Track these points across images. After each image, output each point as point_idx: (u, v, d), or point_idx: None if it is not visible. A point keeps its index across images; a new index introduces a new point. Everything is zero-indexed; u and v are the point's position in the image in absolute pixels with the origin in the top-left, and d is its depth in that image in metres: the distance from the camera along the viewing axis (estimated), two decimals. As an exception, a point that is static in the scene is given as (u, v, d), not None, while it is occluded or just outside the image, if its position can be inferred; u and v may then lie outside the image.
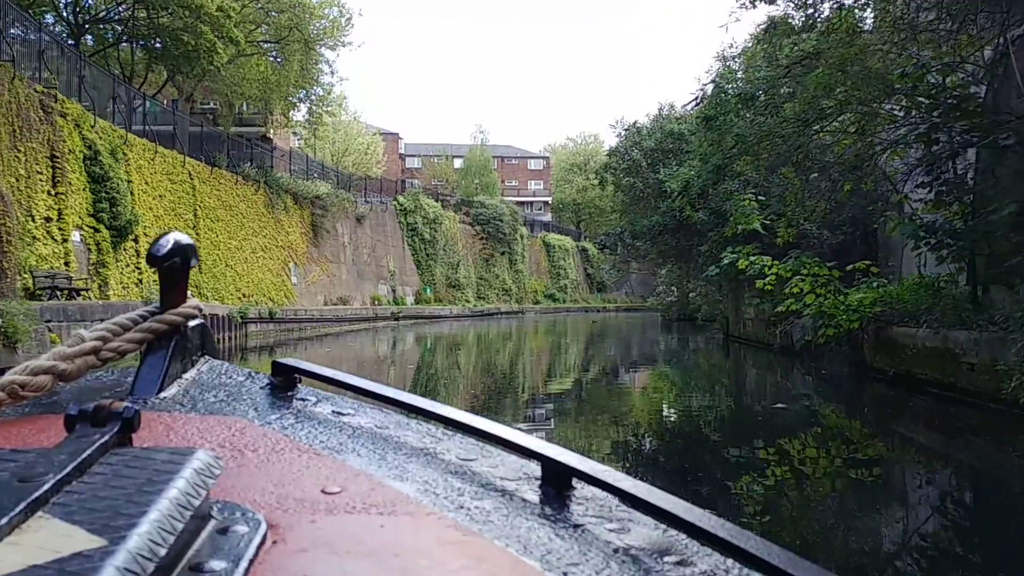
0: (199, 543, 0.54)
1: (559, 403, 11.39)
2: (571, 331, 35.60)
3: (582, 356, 21.96)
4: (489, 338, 30.63)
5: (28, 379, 0.82)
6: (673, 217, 20.79)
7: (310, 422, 0.91)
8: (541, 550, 0.64)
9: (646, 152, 22.35)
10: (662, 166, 21.65)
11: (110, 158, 20.45)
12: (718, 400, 12.29)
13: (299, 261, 34.82)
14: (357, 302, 40.16)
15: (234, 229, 29.38)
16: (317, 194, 36.48)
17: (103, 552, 0.45)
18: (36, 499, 0.50)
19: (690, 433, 9.21)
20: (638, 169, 22.43)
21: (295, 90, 33.15)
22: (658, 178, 21.38)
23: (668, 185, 20.63)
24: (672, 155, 22.01)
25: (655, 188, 21.85)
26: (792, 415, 9.94)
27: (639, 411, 10.75)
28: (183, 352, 1.01)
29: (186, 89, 32.54)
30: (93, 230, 19.32)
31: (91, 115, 20.35)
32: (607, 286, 77.84)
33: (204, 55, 25.38)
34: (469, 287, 54.23)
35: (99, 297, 18.66)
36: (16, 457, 0.59)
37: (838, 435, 8.89)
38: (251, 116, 42.57)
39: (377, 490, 0.70)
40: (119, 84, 24.15)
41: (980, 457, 7.80)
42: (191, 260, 1.00)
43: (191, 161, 27.01)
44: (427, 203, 51.30)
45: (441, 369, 17.62)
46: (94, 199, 19.50)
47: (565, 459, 0.78)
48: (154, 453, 0.60)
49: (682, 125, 22.17)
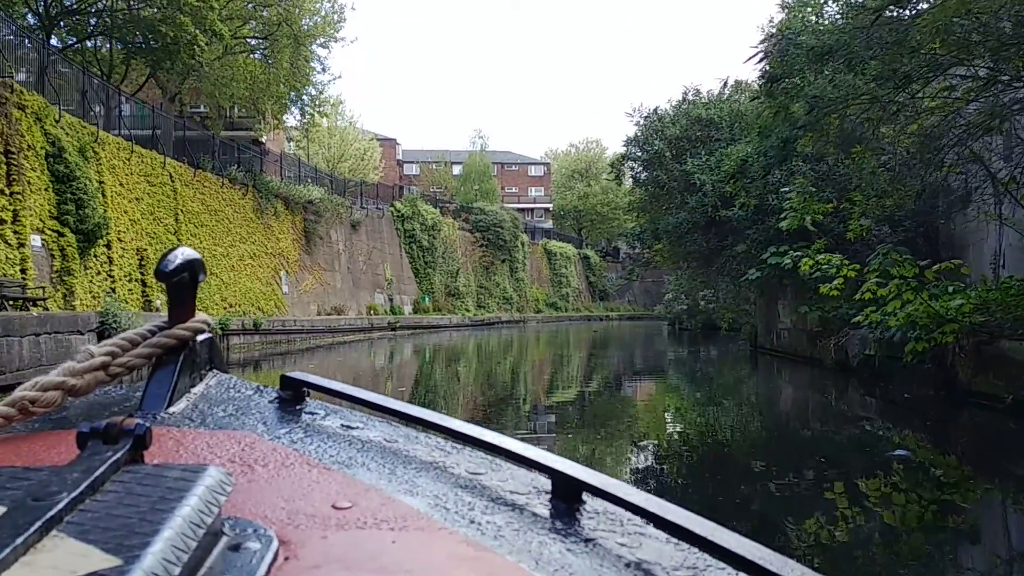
0: (211, 560, 0.53)
1: (575, 432, 9.63)
2: (577, 341, 33.94)
3: (591, 370, 20.23)
4: (491, 349, 28.96)
5: (38, 395, 0.83)
6: (704, 213, 18.30)
7: (319, 436, 0.91)
8: (553, 565, 0.64)
9: (670, 141, 19.90)
10: (688, 156, 19.20)
11: (77, 156, 18.74)
12: (779, 436, 9.90)
13: (290, 269, 33.10)
14: (352, 312, 38.43)
15: (219, 235, 27.65)
16: (309, 199, 34.77)
17: (118, 571, 0.45)
18: (50, 518, 0.50)
19: (759, 491, 7.36)
20: (661, 160, 19.96)
21: (285, 89, 31.45)
22: (685, 170, 18.94)
23: (697, 177, 18.26)
24: (700, 144, 19.59)
25: (681, 181, 19.41)
26: (911, 462, 7.31)
27: (673, 449, 8.92)
28: (192, 367, 1.01)
29: (170, 89, 30.88)
30: (57, 234, 17.58)
31: (55, 109, 18.63)
32: (609, 294, 76.80)
33: (184, 48, 23.73)
34: (469, 296, 52.49)
35: (63, 307, 16.91)
36: (29, 475, 0.59)
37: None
38: (241, 119, 41.04)
39: (388, 505, 0.70)
40: (90, 78, 22.44)
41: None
42: (199, 275, 1.00)
43: (172, 162, 25.30)
44: (425, 209, 49.60)
45: (440, 384, 15.88)
46: (58, 200, 17.77)
47: (575, 473, 0.77)
48: (166, 470, 0.60)
49: (711, 110, 19.93)
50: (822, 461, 7.60)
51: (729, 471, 7.08)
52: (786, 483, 6.46)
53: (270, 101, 33.08)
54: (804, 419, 10.80)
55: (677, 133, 19.48)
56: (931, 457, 7.89)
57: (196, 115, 38.58)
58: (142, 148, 23.64)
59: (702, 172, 18.30)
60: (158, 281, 0.97)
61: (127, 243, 21.42)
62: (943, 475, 7.07)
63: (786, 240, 13.44)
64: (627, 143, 21.41)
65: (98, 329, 15.03)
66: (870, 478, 6.58)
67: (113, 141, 21.75)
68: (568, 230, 79.21)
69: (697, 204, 18.61)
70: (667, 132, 19.66)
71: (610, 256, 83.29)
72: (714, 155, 18.54)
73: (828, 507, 5.42)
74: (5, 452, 0.81)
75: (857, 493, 6.01)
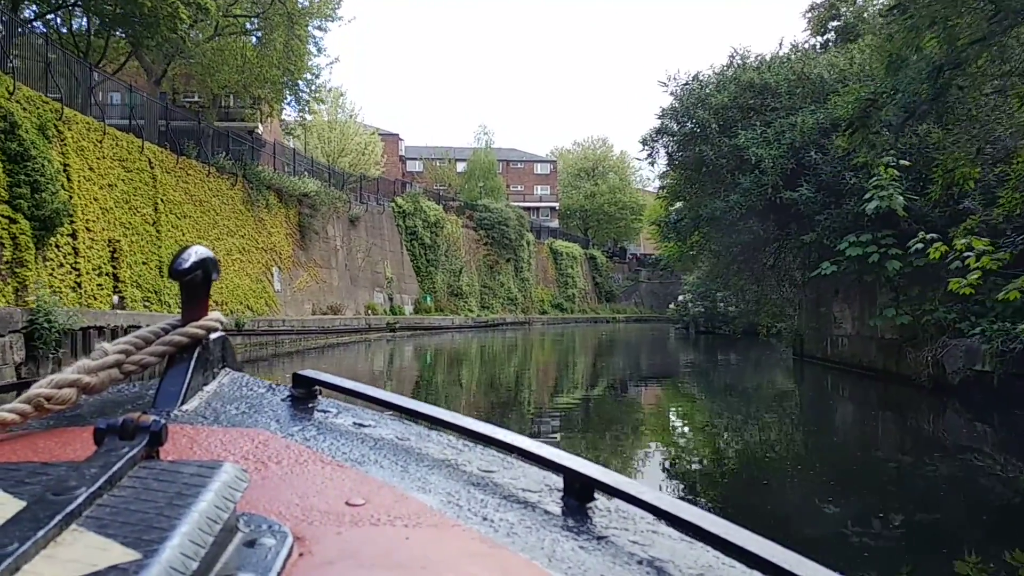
0: (227, 556, 0.54)
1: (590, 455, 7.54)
2: (588, 346, 31.90)
3: (612, 379, 18.14)
4: (495, 352, 26.93)
5: (53, 392, 0.83)
6: (761, 195, 15.20)
7: (332, 434, 0.91)
8: (566, 562, 0.64)
9: (715, 111, 16.62)
10: (740, 129, 16.07)
11: (36, 134, 16.67)
12: (867, 474, 7.65)
13: (283, 265, 31.04)
14: (350, 311, 36.38)
15: (205, 227, 25.58)
16: (305, 191, 32.70)
17: (137, 565, 0.46)
18: (70, 512, 0.51)
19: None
20: (705, 134, 16.65)
21: (279, 72, 29.35)
22: (735, 145, 15.72)
23: (752, 152, 15.23)
24: (754, 114, 16.49)
25: (731, 158, 16.31)
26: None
27: (731, 492, 6.80)
28: (204, 365, 1.01)
29: (155, 71, 28.82)
30: (7, 220, 15.50)
31: (8, 79, 16.57)
32: (616, 296, 75.19)
33: (165, 22, 21.64)
34: (472, 296, 50.37)
35: (12, 303, 14.81)
36: (48, 471, 0.61)
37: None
38: (238, 110, 39.12)
39: (401, 502, 0.70)
40: (58, 50, 20.37)
41: None
42: (212, 273, 1.01)
43: (152, 147, 23.20)
44: (428, 205, 47.50)
45: (442, 398, 13.81)
46: (10, 182, 15.69)
47: (587, 471, 0.77)
48: (182, 466, 0.60)
49: (766, 75, 16.65)
50: (931, 508, 5.47)
51: (810, 515, 5.00)
52: (893, 537, 4.37)
53: (264, 86, 30.99)
54: (896, 453, 8.60)
55: (725, 102, 16.50)
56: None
57: (189, 104, 36.71)
58: (117, 130, 21.59)
59: (758, 146, 15.30)
60: (171, 279, 0.94)
61: (96, 233, 19.34)
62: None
63: (867, 228, 11.17)
64: (662, 115, 18.38)
65: (24, 330, 12.94)
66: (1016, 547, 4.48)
67: (82, 120, 19.69)
68: (574, 230, 77.38)
69: (752, 185, 15.49)
70: (711, 101, 16.67)
71: (617, 257, 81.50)
72: (772, 126, 15.60)
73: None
74: (23, 448, 0.81)
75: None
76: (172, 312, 22.92)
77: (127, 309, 19.80)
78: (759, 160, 15.15)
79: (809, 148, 14.07)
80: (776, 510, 5.69)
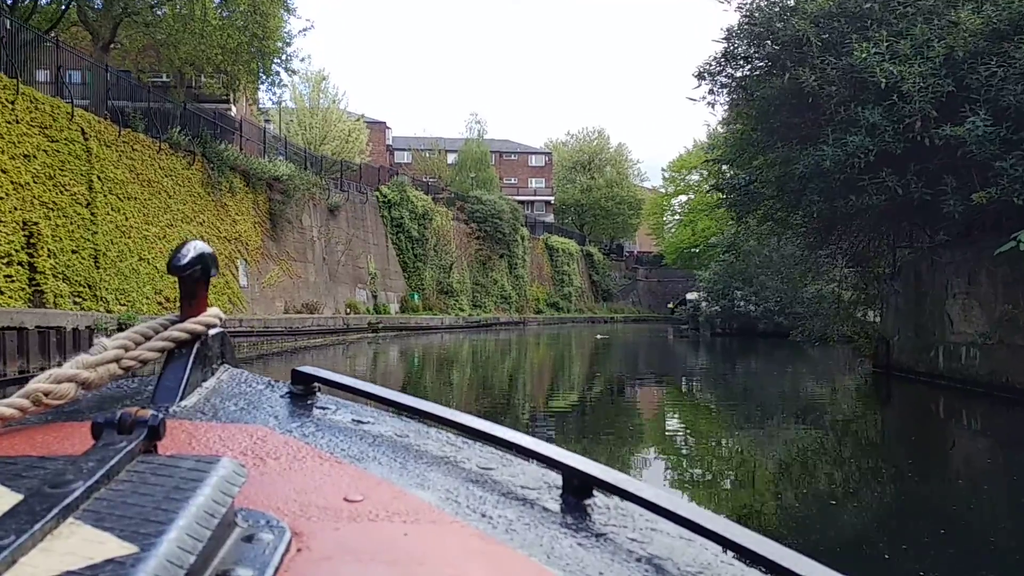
0: (225, 551, 0.54)
1: None
2: (588, 352, 28.65)
3: (630, 395, 14.88)
4: (488, 353, 23.62)
5: (52, 387, 0.83)
6: (899, 134, 10.49)
7: (330, 430, 0.91)
8: (565, 559, 0.64)
9: (815, 20, 11.64)
10: (854, 43, 11.01)
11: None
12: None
13: (251, 258, 27.52)
14: (329, 310, 32.89)
15: (154, 211, 22.05)
16: (276, 175, 29.18)
17: (134, 559, 0.46)
18: (67, 506, 0.51)
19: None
20: (802, 53, 11.65)
21: (245, 38, 25.79)
22: (852, 64, 10.92)
23: (884, 73, 10.38)
24: (875, 23, 11.39)
25: (844, 85, 11.28)
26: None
27: None
28: (203, 361, 1.01)
29: (102, 35, 25.21)
30: None
31: None
32: (613, 295, 72.19)
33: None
34: (464, 294, 46.94)
35: None
36: (45, 464, 0.61)
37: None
38: (210, 90, 35.59)
39: (399, 498, 0.70)
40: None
41: None
42: (211, 269, 0.99)
43: (85, 115, 19.63)
44: (415, 195, 44.00)
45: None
46: None
47: (586, 468, 0.77)
48: (180, 461, 0.60)
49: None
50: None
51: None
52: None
53: (229, 57, 27.40)
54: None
55: (826, 7, 11.60)
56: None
57: (154, 83, 33.26)
58: (39, 94, 18.05)
59: (892, 63, 10.52)
60: (170, 275, 0.95)
61: (6, 214, 15.83)
62: None
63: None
64: (728, 36, 13.19)
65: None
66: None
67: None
68: (569, 225, 74.25)
69: (884, 120, 10.89)
70: (808, 7, 11.73)
71: (613, 254, 78.51)
72: (910, 35, 10.80)
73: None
74: (20, 442, 0.81)
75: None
76: (111, 311, 19.49)
77: (46, 306, 16.27)
78: (894, 82, 10.47)
79: (978, 60, 10.12)
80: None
